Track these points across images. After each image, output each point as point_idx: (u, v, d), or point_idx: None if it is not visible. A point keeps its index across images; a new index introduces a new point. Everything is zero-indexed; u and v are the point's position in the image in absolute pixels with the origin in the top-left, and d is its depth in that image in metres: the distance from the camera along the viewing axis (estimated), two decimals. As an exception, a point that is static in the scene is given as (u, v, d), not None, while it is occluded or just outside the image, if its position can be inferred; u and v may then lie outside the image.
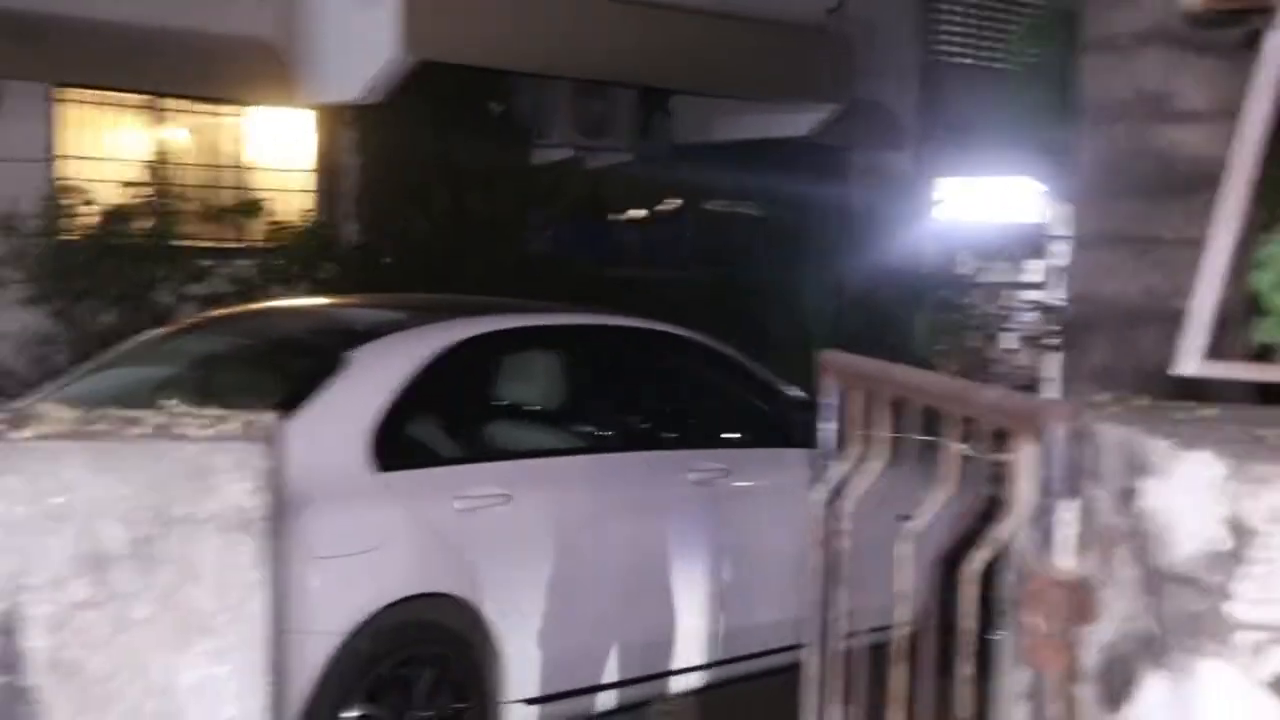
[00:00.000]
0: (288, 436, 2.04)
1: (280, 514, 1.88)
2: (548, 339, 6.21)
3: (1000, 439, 2.16)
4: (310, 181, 12.06)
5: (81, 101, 10.64)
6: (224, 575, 1.80)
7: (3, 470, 1.77)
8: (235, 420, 1.91)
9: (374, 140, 12.19)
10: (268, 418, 1.93)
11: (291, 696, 4.40)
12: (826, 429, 2.68)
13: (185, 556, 1.80)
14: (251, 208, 10.59)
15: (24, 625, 1.77)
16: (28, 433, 1.82)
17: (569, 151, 13.39)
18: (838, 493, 2.68)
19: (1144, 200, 3.48)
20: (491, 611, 5.33)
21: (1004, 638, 2.24)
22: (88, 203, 9.74)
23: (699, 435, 6.52)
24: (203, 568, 1.80)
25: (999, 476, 2.46)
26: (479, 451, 5.67)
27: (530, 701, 5.50)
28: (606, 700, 5.86)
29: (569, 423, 6.17)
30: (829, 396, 2.66)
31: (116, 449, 1.78)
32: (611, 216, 14.37)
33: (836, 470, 2.65)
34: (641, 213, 14.57)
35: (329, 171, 12.18)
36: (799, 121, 13.84)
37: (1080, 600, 1.82)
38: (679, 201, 14.73)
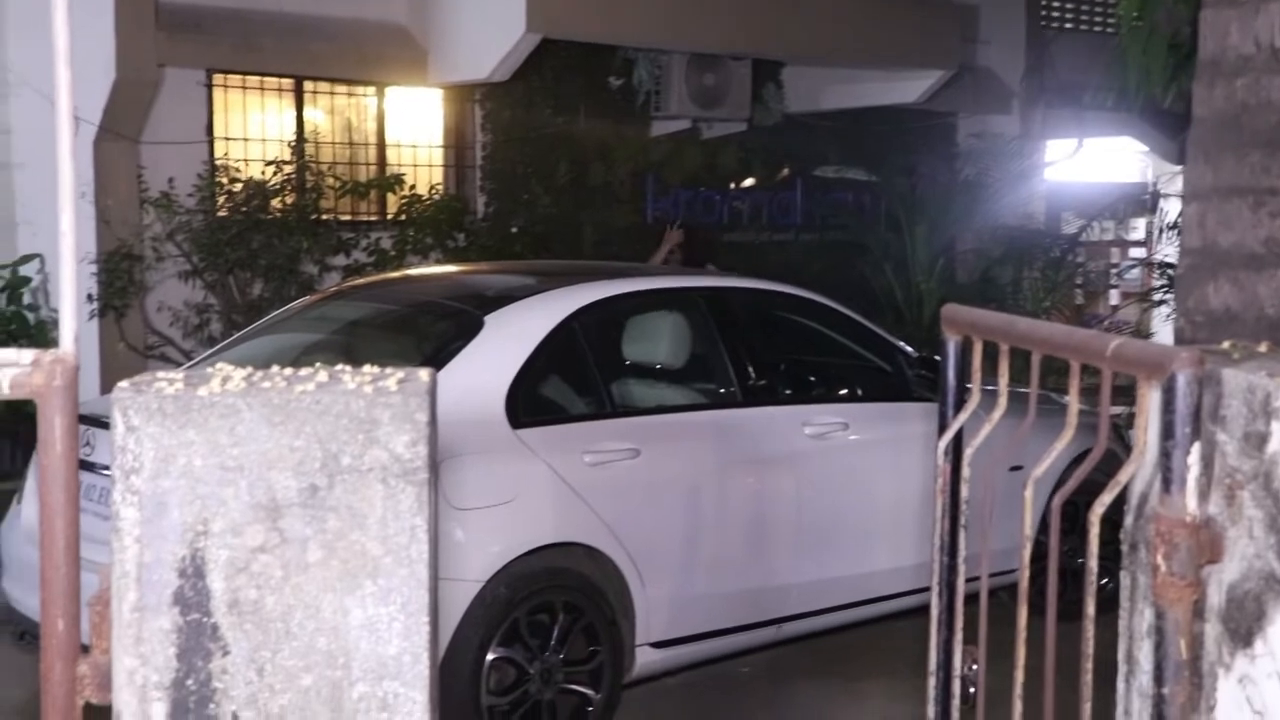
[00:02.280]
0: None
1: (436, 464, 1.91)
2: (671, 301, 6.21)
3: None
4: (440, 156, 12.19)
5: (233, 85, 10.86)
6: (388, 521, 1.83)
7: (184, 425, 1.81)
8: (394, 376, 1.93)
9: (500, 116, 12.28)
10: (424, 373, 1.95)
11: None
12: (948, 381, 2.64)
13: (351, 504, 1.82)
14: (394, 182, 10.72)
15: (207, 568, 1.82)
16: (204, 391, 1.85)
17: (685, 122, 13.36)
18: (959, 442, 2.65)
19: (1263, 152, 3.37)
20: (621, 559, 5.36)
21: (1122, 578, 2.21)
22: (239, 180, 9.92)
23: (818, 391, 6.49)
24: (368, 514, 1.82)
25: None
26: (608, 408, 5.69)
27: (658, 645, 5.53)
28: (729, 644, 5.88)
29: (693, 380, 6.17)
30: (950, 349, 2.63)
31: (287, 404, 1.81)
32: (727, 184, 14.33)
33: (957, 421, 2.62)
34: (755, 180, 14.50)
35: (458, 147, 12.29)
36: (908, 89, 13.66)
37: (1206, 540, 1.79)
38: (791, 168, 14.63)
